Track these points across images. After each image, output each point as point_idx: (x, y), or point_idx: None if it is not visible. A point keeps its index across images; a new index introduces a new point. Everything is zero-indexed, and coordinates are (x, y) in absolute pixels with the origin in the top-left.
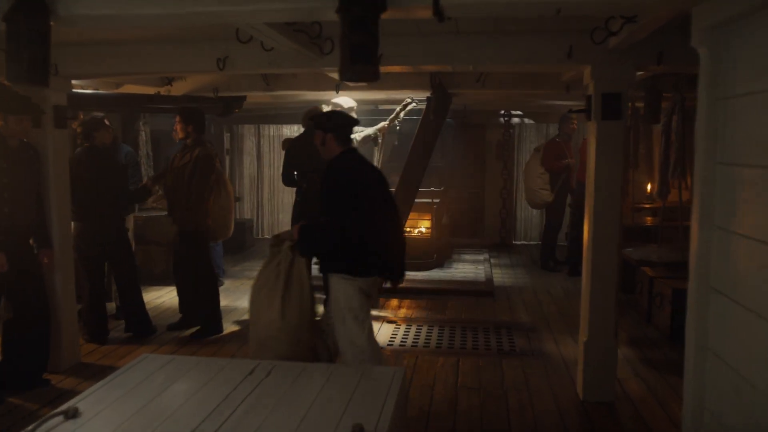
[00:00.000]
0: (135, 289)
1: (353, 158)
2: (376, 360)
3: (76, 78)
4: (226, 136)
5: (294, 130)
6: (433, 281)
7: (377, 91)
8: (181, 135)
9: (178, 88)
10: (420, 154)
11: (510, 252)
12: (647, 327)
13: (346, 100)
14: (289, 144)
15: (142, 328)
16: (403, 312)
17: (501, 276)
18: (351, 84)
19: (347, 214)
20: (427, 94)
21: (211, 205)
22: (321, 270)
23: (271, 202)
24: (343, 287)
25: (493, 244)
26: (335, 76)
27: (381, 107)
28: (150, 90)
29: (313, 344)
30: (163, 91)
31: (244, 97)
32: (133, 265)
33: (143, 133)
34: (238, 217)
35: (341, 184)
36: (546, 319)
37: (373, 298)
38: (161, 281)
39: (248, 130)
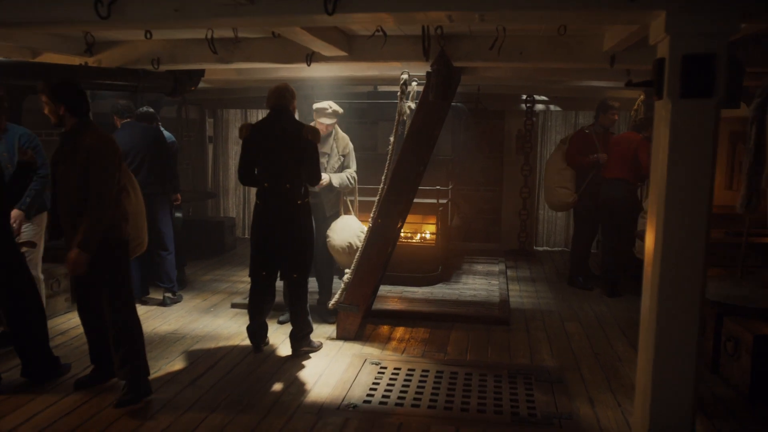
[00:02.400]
0: (33, 315)
1: None
2: None
3: None
4: (209, 122)
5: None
6: (435, 302)
7: (361, 65)
8: (53, 120)
9: (110, 59)
10: (417, 144)
11: (530, 261)
12: (713, 379)
13: (329, 104)
14: (247, 131)
15: (43, 371)
16: (392, 346)
17: (519, 294)
18: (326, 54)
19: None
20: (426, 68)
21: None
22: None
23: None
24: None
25: (510, 251)
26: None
27: (381, 88)
28: (74, 60)
29: None
30: (91, 62)
31: (200, 72)
32: (27, 280)
33: None
34: (222, 213)
35: None
36: (576, 361)
37: None
38: None
39: (234, 116)
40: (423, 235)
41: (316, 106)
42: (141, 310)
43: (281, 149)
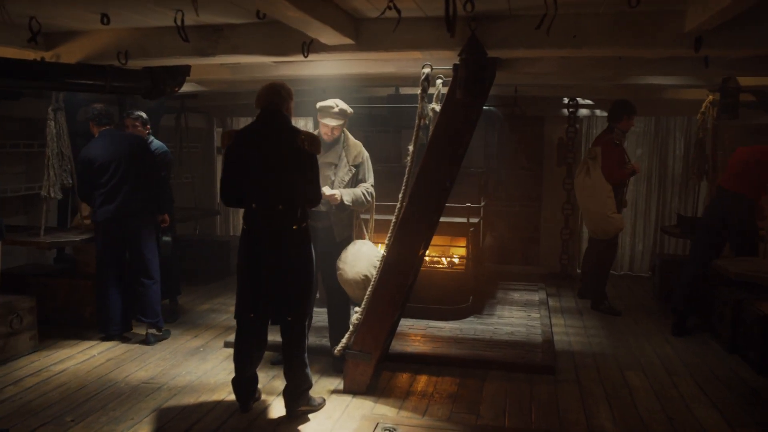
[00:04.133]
0: None
1: None
2: None
3: None
4: (218, 131)
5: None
6: (465, 342)
7: (371, 56)
8: None
9: (70, 53)
10: (442, 154)
11: (574, 287)
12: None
13: (336, 102)
14: (230, 139)
15: None
16: (412, 404)
17: (565, 331)
18: (327, 41)
19: None
20: (454, 59)
21: None
22: None
23: None
24: None
25: (551, 275)
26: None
27: (404, 90)
28: (28, 55)
29: None
30: (48, 56)
31: (184, 69)
32: None
33: (53, 124)
34: (231, 232)
35: None
36: (646, 430)
37: None
38: (92, 328)
39: (245, 124)
40: (451, 259)
41: (319, 104)
42: (119, 350)
43: (272, 162)
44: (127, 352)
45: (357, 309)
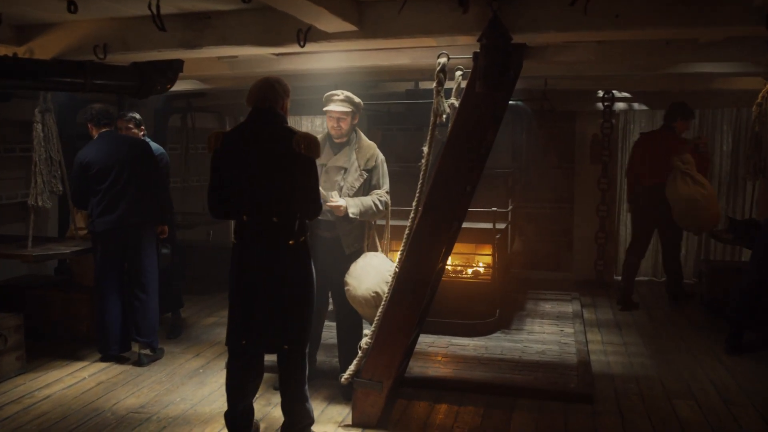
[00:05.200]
0: None
1: None
2: None
3: None
4: None
5: (310, 124)
6: (490, 363)
7: (378, 44)
8: None
9: (44, 48)
10: (460, 155)
11: (611, 296)
12: None
13: (342, 91)
14: (218, 141)
15: None
16: None
17: (602, 349)
18: (326, 28)
19: None
20: (473, 47)
21: None
22: None
23: None
24: None
25: (585, 282)
26: None
27: (424, 84)
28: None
29: None
30: (21, 52)
31: (176, 64)
32: None
33: (40, 127)
34: None
35: None
36: None
37: None
38: (87, 345)
39: None
40: (476, 268)
41: (326, 94)
42: (112, 371)
43: (264, 167)
44: (121, 374)
45: (366, 331)
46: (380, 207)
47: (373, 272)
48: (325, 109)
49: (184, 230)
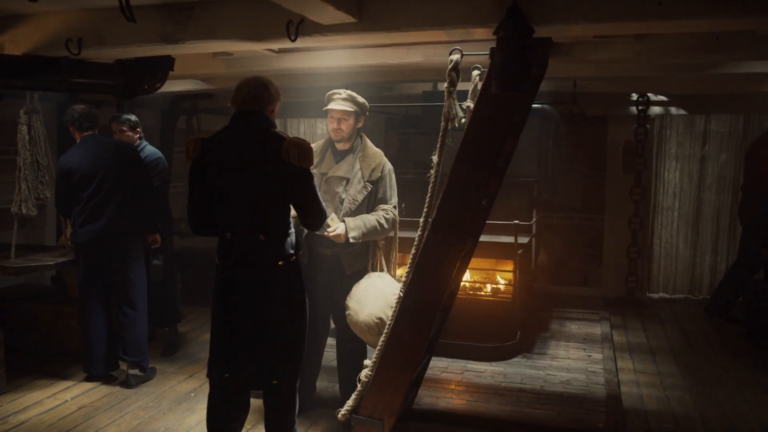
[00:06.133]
0: None
1: None
2: None
3: None
4: None
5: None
6: (509, 394)
7: (382, 37)
8: None
9: (15, 42)
10: (475, 165)
11: (643, 315)
12: None
13: (346, 89)
14: (197, 148)
15: None
16: None
17: (634, 379)
18: (320, 20)
19: None
20: (491, 42)
21: None
22: None
23: None
24: None
25: (615, 300)
26: None
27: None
28: None
29: None
30: None
31: (165, 61)
32: None
33: (25, 129)
34: None
35: None
36: None
37: None
38: (76, 361)
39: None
40: (495, 285)
41: (328, 93)
42: (97, 394)
43: (249, 178)
44: (106, 397)
45: (368, 362)
46: (386, 226)
47: (376, 295)
48: (325, 108)
49: (186, 238)
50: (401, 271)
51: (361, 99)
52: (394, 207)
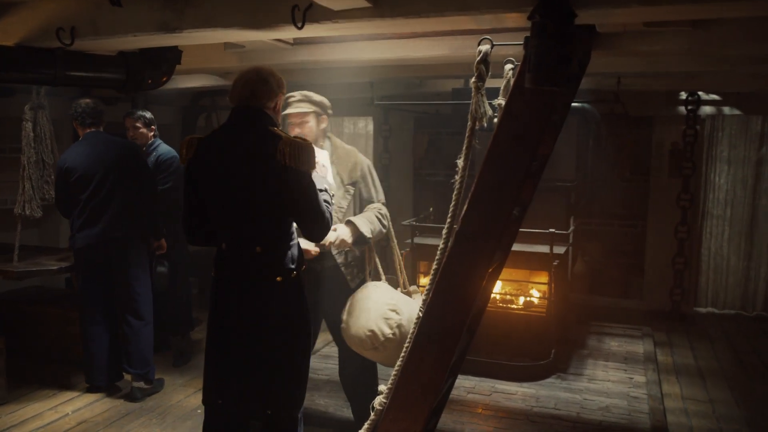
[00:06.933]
0: None
1: None
2: None
3: None
4: None
5: (353, 127)
6: (542, 421)
7: (400, 24)
8: None
9: (8, 33)
10: (507, 170)
11: (690, 332)
12: None
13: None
14: (191, 150)
15: None
16: None
17: (682, 406)
18: (331, 5)
19: None
20: (525, 30)
21: None
22: None
23: None
24: None
25: (658, 313)
26: None
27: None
28: None
29: None
30: None
31: (173, 53)
32: None
33: (30, 125)
34: None
35: None
36: None
37: None
38: (70, 363)
39: None
40: (528, 299)
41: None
42: (100, 407)
43: (244, 183)
44: (108, 412)
45: (381, 387)
46: (385, 222)
47: (369, 307)
48: (282, 114)
49: None
50: (425, 281)
51: (318, 97)
52: (384, 204)
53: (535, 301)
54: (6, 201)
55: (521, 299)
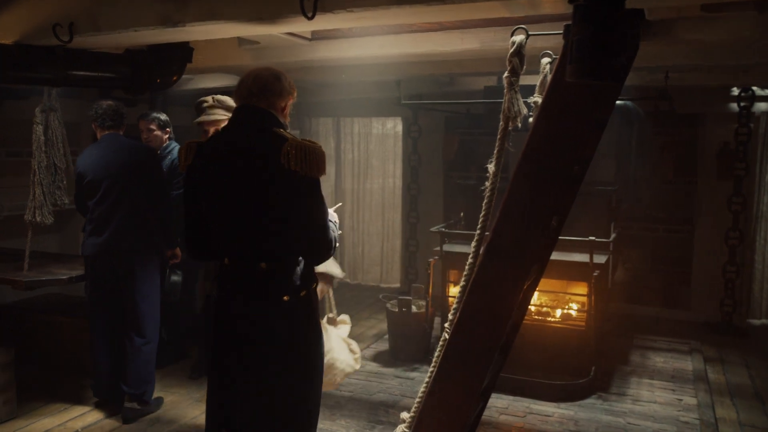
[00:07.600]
0: None
1: None
2: None
3: None
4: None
5: (381, 127)
6: None
7: (421, 11)
8: None
9: (6, 31)
10: (544, 175)
11: (744, 347)
12: None
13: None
14: (190, 155)
15: None
16: None
17: (739, 430)
18: None
19: None
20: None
21: None
22: None
23: (356, 230)
24: None
25: (707, 325)
26: None
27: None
28: None
29: None
30: None
31: (183, 51)
32: None
33: (41, 129)
34: None
35: None
36: None
37: None
38: (83, 374)
39: (325, 126)
40: (566, 311)
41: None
42: (109, 424)
43: (246, 192)
44: (118, 430)
45: (404, 415)
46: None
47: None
48: (195, 121)
49: None
50: (455, 291)
51: (231, 101)
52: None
53: (574, 313)
54: (22, 206)
55: (558, 311)
